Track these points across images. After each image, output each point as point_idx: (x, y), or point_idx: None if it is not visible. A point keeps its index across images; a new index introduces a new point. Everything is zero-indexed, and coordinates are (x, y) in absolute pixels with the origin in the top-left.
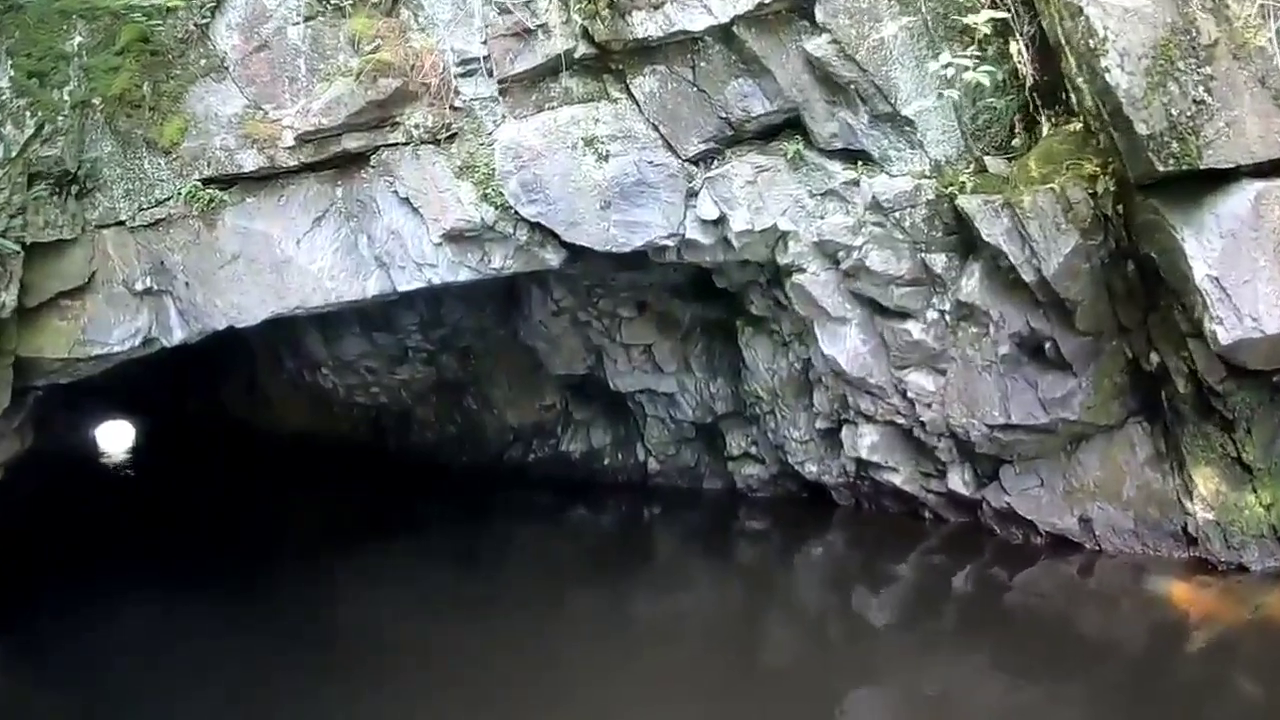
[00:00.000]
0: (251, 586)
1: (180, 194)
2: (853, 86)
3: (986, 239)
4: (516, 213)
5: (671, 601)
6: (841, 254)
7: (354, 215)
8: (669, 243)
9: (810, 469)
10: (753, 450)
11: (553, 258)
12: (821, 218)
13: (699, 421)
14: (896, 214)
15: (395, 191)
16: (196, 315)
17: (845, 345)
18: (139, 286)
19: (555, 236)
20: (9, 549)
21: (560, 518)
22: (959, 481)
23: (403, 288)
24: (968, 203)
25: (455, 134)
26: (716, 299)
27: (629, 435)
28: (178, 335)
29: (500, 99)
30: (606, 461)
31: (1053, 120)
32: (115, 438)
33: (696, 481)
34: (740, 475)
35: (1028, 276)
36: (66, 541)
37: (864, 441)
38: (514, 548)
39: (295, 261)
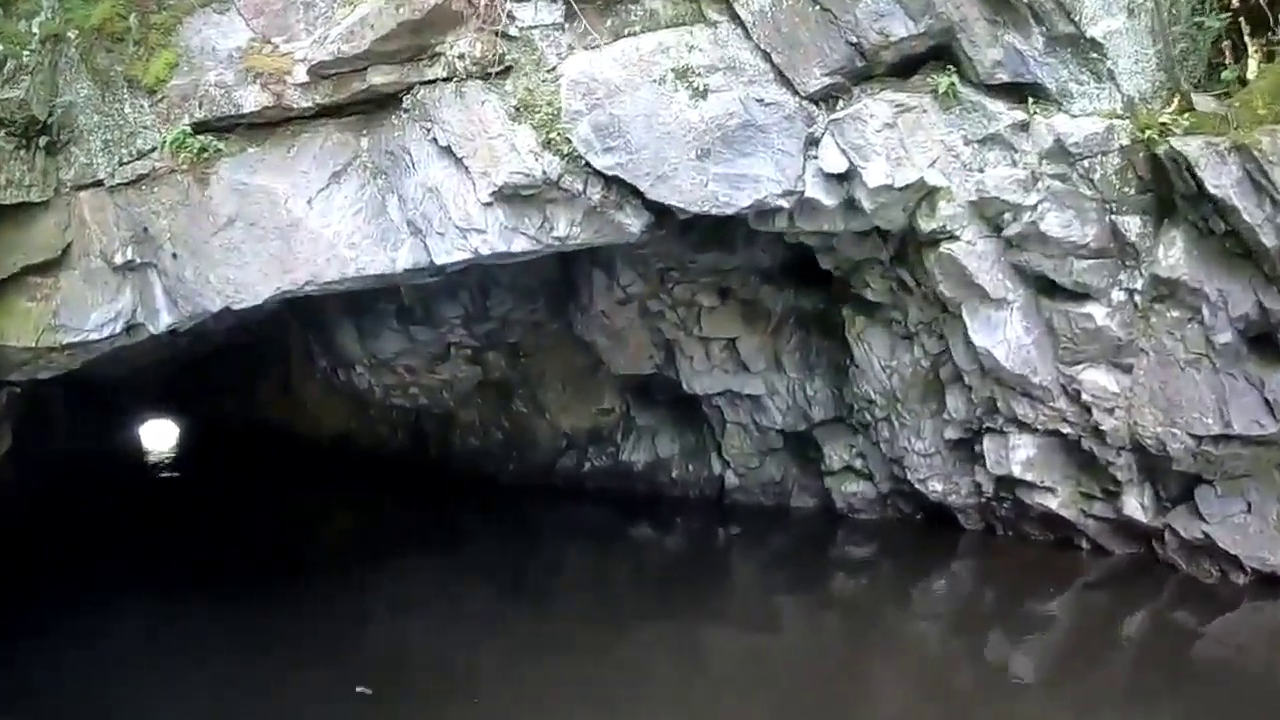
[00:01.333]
0: (275, 602)
1: (166, 143)
2: (1024, 1)
3: (1213, 191)
4: (587, 164)
5: (753, 643)
6: (1007, 216)
7: (382, 171)
8: (783, 203)
9: (934, 487)
10: (857, 464)
11: (632, 222)
12: (980, 170)
13: (790, 429)
14: (1085, 163)
15: (434, 139)
16: (186, 294)
17: (1003, 334)
18: (118, 259)
19: (637, 194)
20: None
21: (619, 537)
22: (1136, 505)
23: (442, 259)
24: (1185, 146)
25: (509, 67)
26: (814, 284)
27: (701, 444)
28: (164, 319)
29: (566, 25)
30: (674, 474)
31: (1264, 49)
32: (157, 437)
33: (782, 499)
34: (840, 493)
35: (1269, 240)
36: (82, 545)
37: (1017, 455)
38: (566, 570)
39: (306, 225)
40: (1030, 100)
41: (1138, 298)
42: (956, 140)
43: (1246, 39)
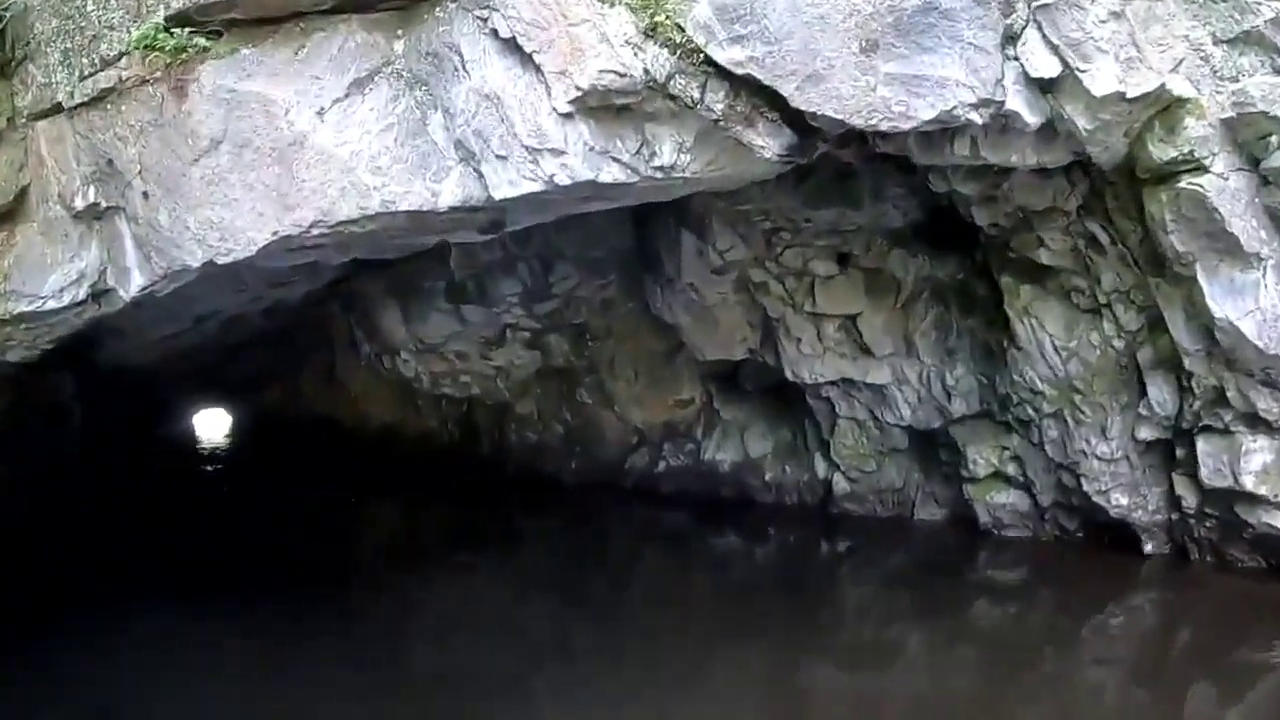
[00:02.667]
0: (309, 613)
1: (134, 44)
2: None
3: None
4: (707, 60)
5: (865, 681)
6: (1275, 139)
7: (421, 79)
8: (976, 116)
9: (1117, 500)
10: (1009, 469)
11: (768, 144)
12: (1234, 79)
13: (920, 426)
14: None
15: (493, 31)
16: (160, 245)
17: (1255, 302)
18: (79, 203)
19: (776, 103)
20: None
21: (700, 548)
22: None
23: (502, 192)
24: None
25: None
26: (955, 248)
27: (801, 442)
28: (136, 279)
29: None
30: (768, 476)
31: None
32: (193, 431)
33: (904, 509)
34: (985, 504)
35: None
36: (90, 546)
37: (1250, 462)
38: (637, 583)
39: (313, 143)
40: None
41: None
42: (1204, 38)
43: None
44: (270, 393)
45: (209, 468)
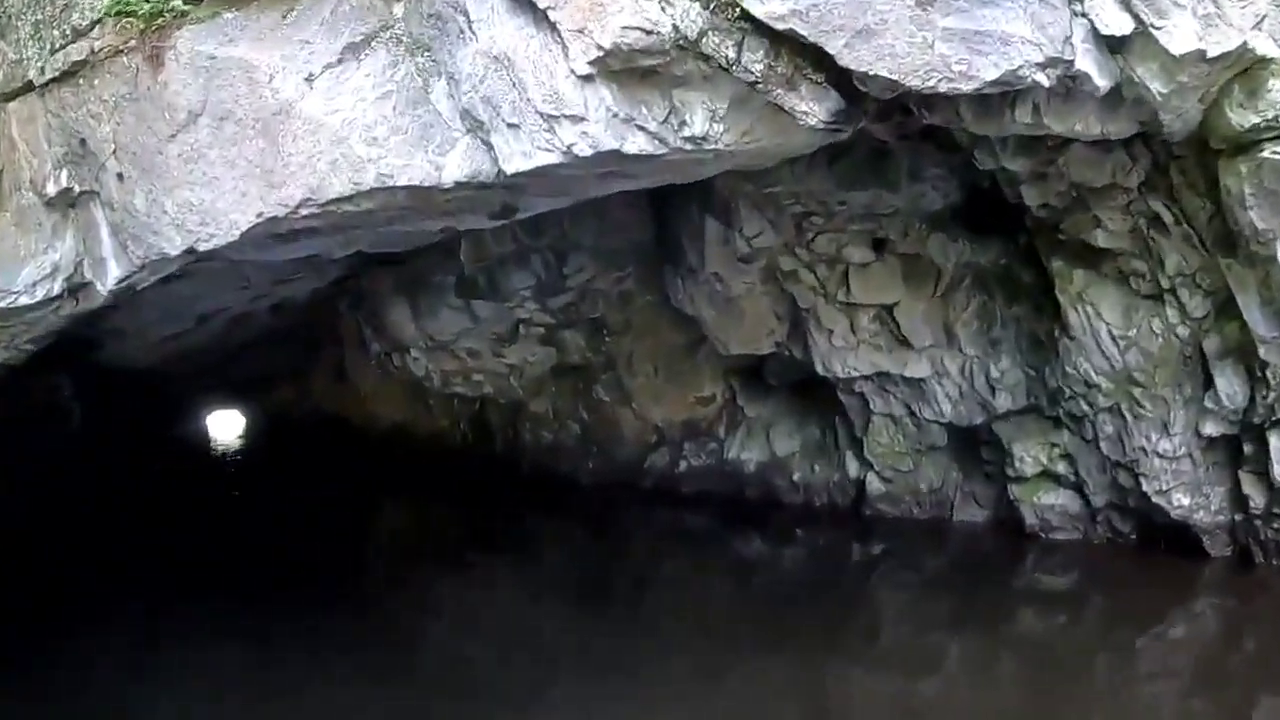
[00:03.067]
0: (323, 611)
1: (107, 11)
2: None
3: None
4: (744, 14)
5: (902, 691)
6: None
7: (423, 44)
8: (1043, 77)
9: (1179, 500)
10: (1059, 468)
11: (812, 109)
12: None
13: (961, 423)
14: None
15: None
16: (137, 231)
17: None
18: (51, 188)
19: (822, 62)
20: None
21: (723, 551)
22: None
23: (515, 165)
24: None
25: None
26: (997, 232)
27: (831, 440)
28: (113, 271)
29: None
30: (795, 476)
31: None
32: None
33: (942, 510)
34: (1032, 505)
35: None
36: (97, 546)
37: None
38: (657, 587)
39: (301, 112)
40: None
41: None
42: None
43: None
44: (279, 393)
45: (216, 469)
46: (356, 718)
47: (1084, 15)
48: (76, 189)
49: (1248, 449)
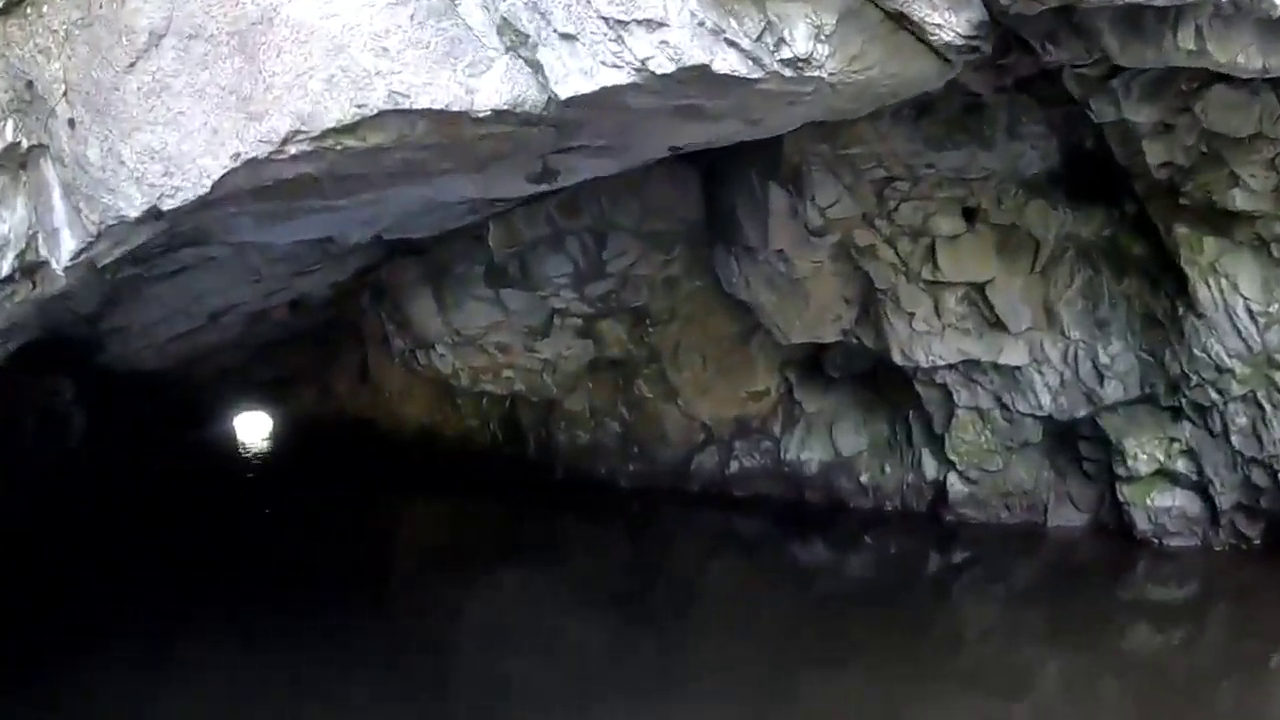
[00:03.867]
0: (350, 621)
1: None
2: None
3: None
4: None
5: (991, 716)
6: None
7: None
8: None
9: None
10: (1178, 465)
11: (946, 20)
12: None
13: (1061, 416)
14: None
15: None
16: (90, 189)
17: None
18: None
19: None
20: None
21: (781, 559)
22: None
23: (570, 88)
24: None
25: None
26: (1101, 200)
27: (903, 437)
28: (66, 244)
29: None
30: (863, 477)
31: None
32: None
33: (1034, 515)
34: (1145, 507)
35: None
36: (97, 555)
37: None
38: (707, 598)
39: (287, 17)
40: None
41: None
42: None
43: None
44: (301, 395)
45: (234, 477)
46: None
47: None
48: (24, 143)
49: None
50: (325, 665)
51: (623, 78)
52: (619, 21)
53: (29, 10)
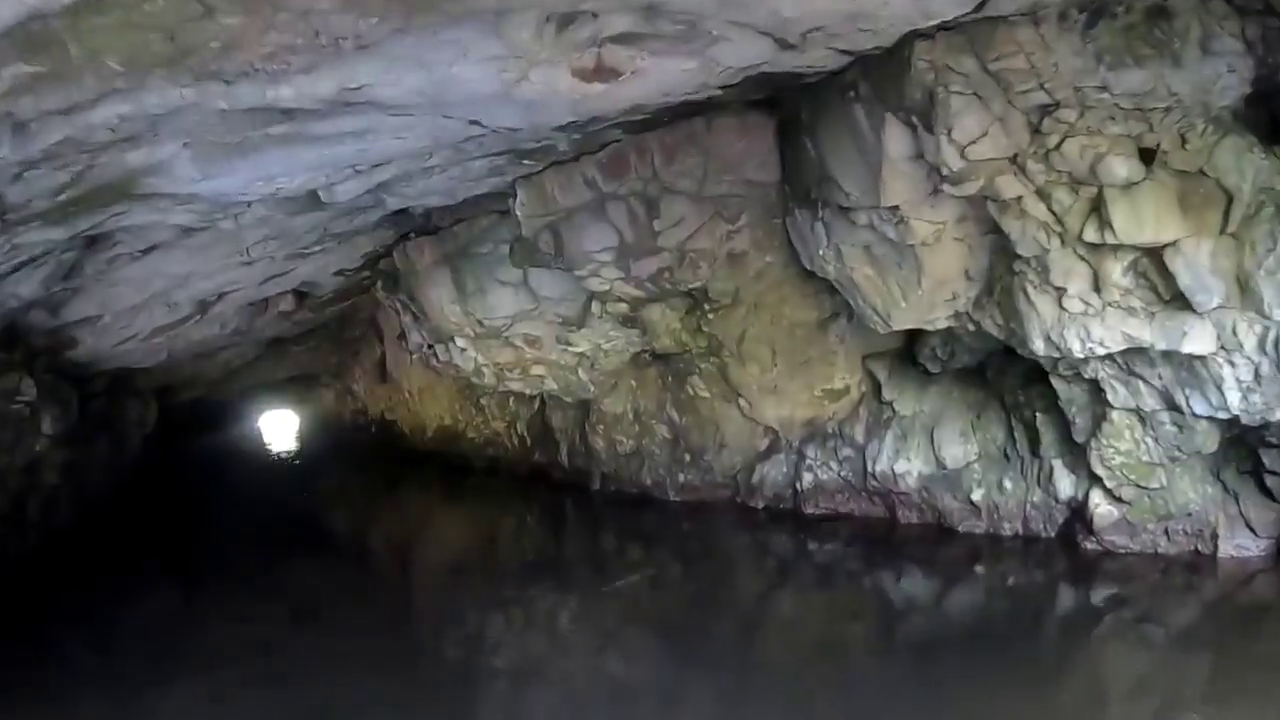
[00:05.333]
0: (367, 648)
1: None
2: None
3: None
4: None
5: None
6: None
7: None
8: None
9: None
10: None
11: None
12: None
13: (1251, 418)
14: None
15: None
16: None
17: None
18: None
19: None
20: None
21: (864, 590)
22: None
23: None
24: None
25: None
26: None
27: (1025, 446)
28: None
29: None
30: (975, 494)
31: None
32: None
33: (1201, 542)
34: None
35: None
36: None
37: None
38: (773, 639)
39: None
40: None
41: None
42: None
43: None
44: (320, 395)
45: (229, 483)
46: None
47: None
48: None
49: None
50: (344, 685)
51: None
52: None
53: None
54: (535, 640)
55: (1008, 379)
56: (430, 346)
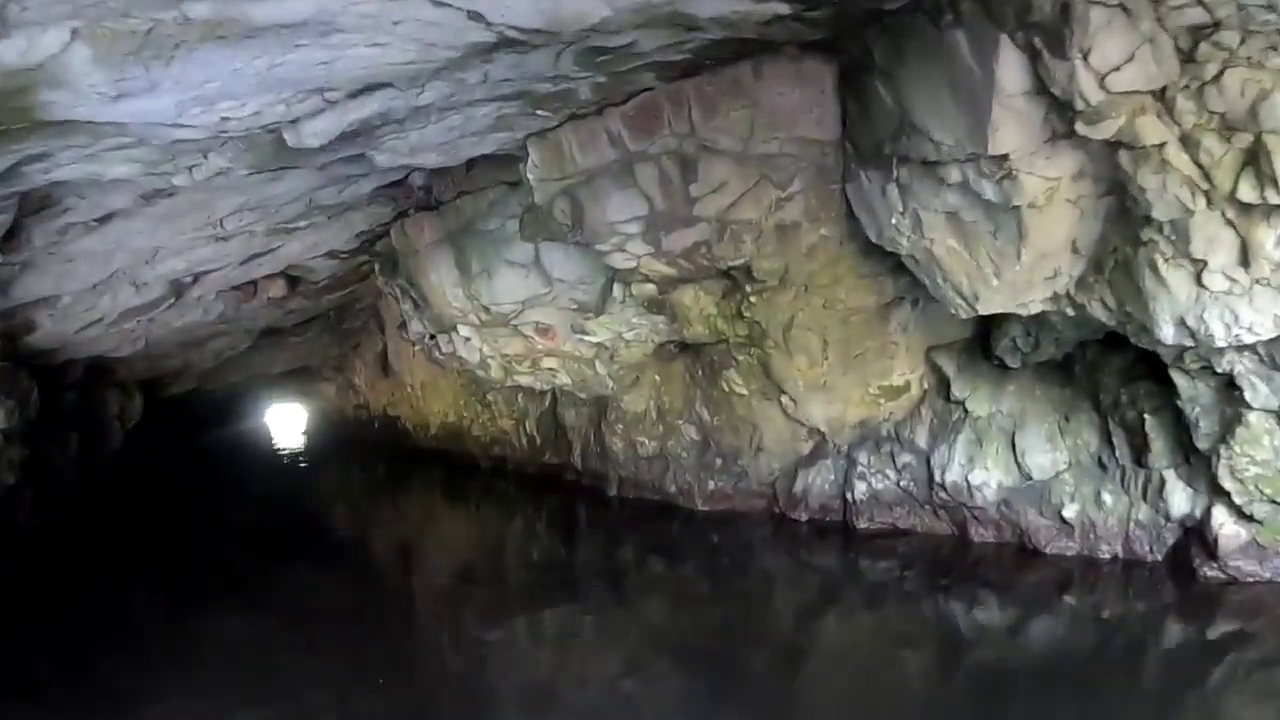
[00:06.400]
0: (366, 668)
1: None
2: None
3: None
4: None
5: None
6: None
7: None
8: None
9: None
10: None
11: None
12: None
13: None
14: None
15: None
16: None
17: None
18: None
19: None
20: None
21: (930, 621)
22: None
23: None
24: None
25: None
26: None
27: (1127, 454)
28: None
29: None
30: (1067, 510)
31: None
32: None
33: None
34: None
35: None
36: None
37: None
38: (820, 672)
39: None
40: None
41: None
42: None
43: None
44: (320, 389)
45: (222, 481)
46: None
47: None
48: None
49: None
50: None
51: None
52: None
53: None
54: (544, 665)
55: (1103, 374)
56: (432, 337)
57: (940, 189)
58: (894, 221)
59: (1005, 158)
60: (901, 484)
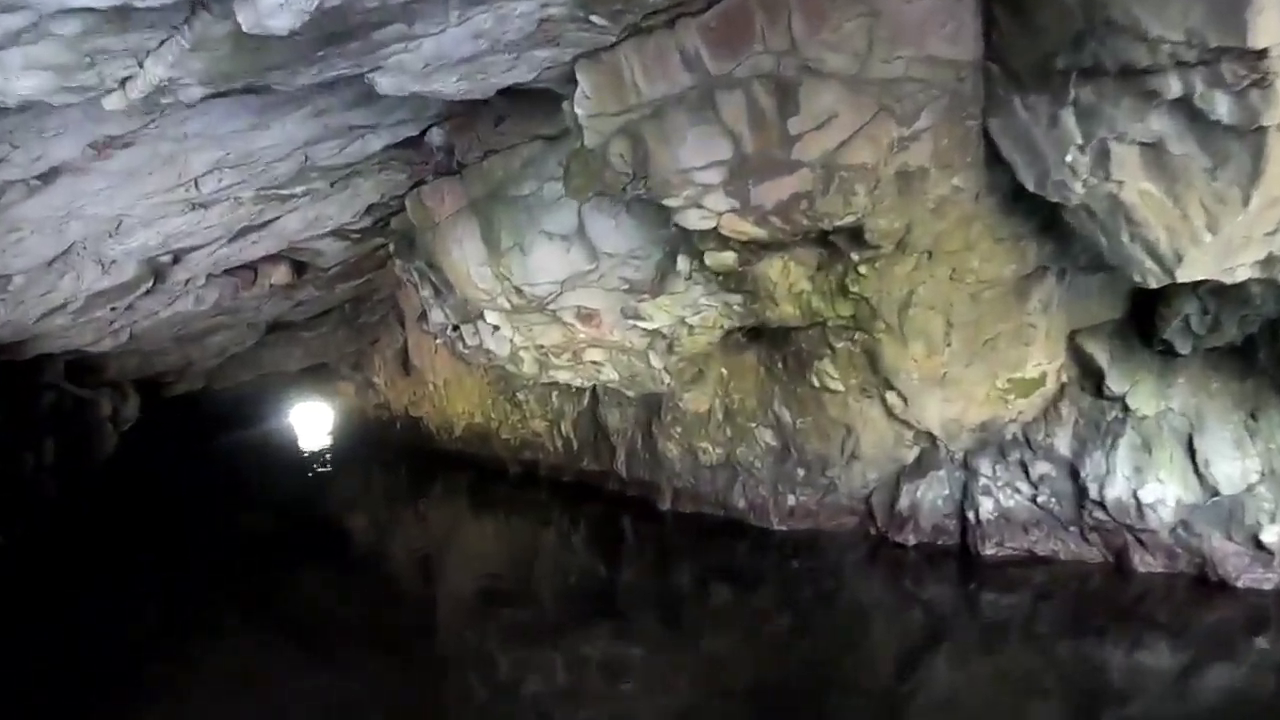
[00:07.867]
0: (385, 693)
1: None
2: None
3: None
4: None
5: None
6: None
7: None
8: None
9: None
10: None
11: None
12: None
13: None
14: None
15: None
16: None
17: None
18: None
19: None
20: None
21: (1076, 666)
22: None
23: None
24: None
25: None
26: None
27: None
28: None
29: None
30: (1266, 533)
31: None
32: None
33: None
34: None
35: None
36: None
37: None
38: (930, 708)
39: None
40: None
41: None
42: None
43: None
44: (335, 388)
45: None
46: None
47: None
48: None
49: None
50: None
51: None
52: None
53: None
54: (585, 707)
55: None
56: (455, 328)
57: (1146, 110)
58: (1069, 159)
59: (1264, 54)
60: (1039, 500)
